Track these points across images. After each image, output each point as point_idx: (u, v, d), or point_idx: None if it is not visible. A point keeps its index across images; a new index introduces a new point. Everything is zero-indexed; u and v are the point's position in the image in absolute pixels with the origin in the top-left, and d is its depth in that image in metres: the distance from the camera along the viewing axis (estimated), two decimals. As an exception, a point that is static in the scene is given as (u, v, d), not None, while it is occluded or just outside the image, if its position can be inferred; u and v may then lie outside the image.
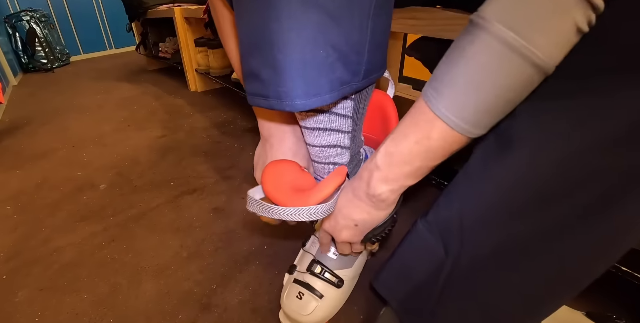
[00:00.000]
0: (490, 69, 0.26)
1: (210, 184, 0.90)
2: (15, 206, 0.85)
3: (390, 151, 0.33)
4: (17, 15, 2.39)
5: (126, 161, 1.04)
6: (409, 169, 0.33)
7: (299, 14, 0.29)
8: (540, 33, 0.24)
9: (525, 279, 0.32)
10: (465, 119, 0.28)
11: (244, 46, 0.34)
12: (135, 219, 0.77)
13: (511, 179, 0.31)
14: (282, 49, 0.30)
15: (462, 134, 0.29)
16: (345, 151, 0.44)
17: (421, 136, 0.31)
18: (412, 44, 0.70)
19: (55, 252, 0.69)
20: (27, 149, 1.18)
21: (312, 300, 0.48)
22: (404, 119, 0.33)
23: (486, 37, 0.25)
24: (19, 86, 2.13)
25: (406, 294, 0.42)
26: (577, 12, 0.23)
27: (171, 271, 0.63)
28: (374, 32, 0.35)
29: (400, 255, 0.43)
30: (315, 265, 0.50)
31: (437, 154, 0.31)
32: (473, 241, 0.34)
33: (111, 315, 0.55)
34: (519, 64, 0.25)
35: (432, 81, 0.30)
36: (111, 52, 3.16)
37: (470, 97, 0.27)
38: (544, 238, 0.30)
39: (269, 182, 0.41)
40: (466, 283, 0.36)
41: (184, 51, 1.62)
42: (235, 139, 1.15)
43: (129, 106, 1.57)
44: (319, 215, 0.37)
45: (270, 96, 0.33)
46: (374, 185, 0.35)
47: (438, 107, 0.28)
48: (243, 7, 0.32)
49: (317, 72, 0.32)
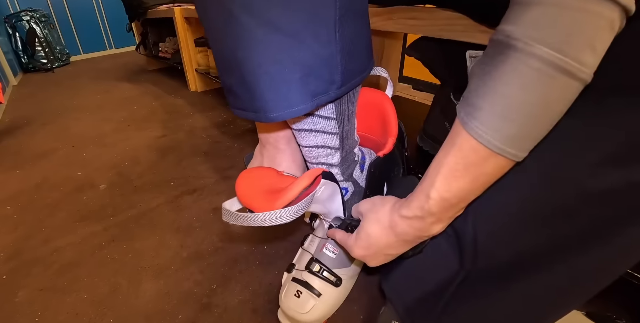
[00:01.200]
0: (545, 96, 0.25)
1: (210, 184, 0.90)
2: (15, 206, 0.85)
3: (445, 196, 0.31)
4: (17, 15, 2.39)
5: (126, 161, 1.04)
6: (463, 205, 0.32)
7: (260, 38, 0.31)
8: (581, 47, 0.24)
9: (535, 291, 0.33)
10: (522, 148, 0.27)
11: (219, 66, 0.38)
12: (135, 219, 0.77)
13: (525, 195, 0.31)
14: (250, 71, 0.33)
15: (515, 161, 0.28)
16: (335, 152, 0.45)
17: (477, 174, 0.29)
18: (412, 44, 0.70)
19: (55, 252, 0.69)
20: (27, 149, 1.18)
21: (310, 299, 0.48)
22: (450, 157, 0.30)
23: (531, 61, 0.24)
24: (19, 86, 2.13)
25: (414, 300, 0.42)
26: (612, 14, 0.23)
27: (171, 271, 0.63)
28: (344, 42, 0.35)
29: (414, 262, 0.42)
30: (314, 264, 0.50)
31: (489, 183, 0.30)
32: (486, 254, 0.35)
33: (111, 315, 0.55)
34: (569, 85, 0.25)
35: (474, 113, 0.27)
36: (111, 52, 3.15)
37: (527, 128, 0.26)
38: (557, 252, 0.31)
39: (241, 190, 0.42)
40: (475, 294, 0.36)
41: (184, 51, 1.62)
42: (235, 139, 1.15)
43: (129, 106, 1.57)
44: (285, 219, 0.37)
45: (247, 109, 0.36)
46: (429, 229, 0.34)
47: (492, 142, 0.27)
48: (212, 36, 0.35)
49: (286, 88, 0.34)
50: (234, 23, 0.31)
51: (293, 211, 0.38)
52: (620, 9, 0.23)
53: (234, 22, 0.31)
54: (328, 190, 0.43)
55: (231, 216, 0.40)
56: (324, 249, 0.51)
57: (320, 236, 0.52)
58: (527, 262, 0.32)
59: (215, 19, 0.32)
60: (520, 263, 0.33)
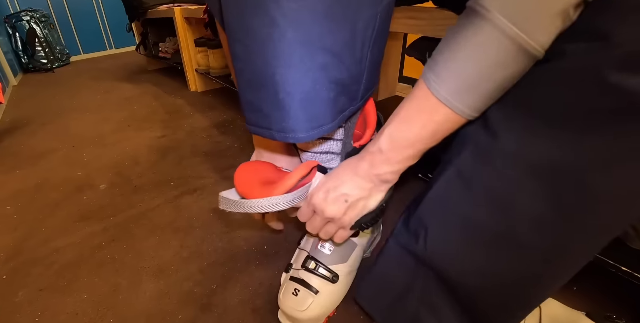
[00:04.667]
0: (493, 61, 0.27)
1: (210, 184, 0.90)
2: (15, 206, 0.85)
3: (394, 135, 0.34)
4: (17, 15, 2.39)
5: (126, 161, 1.04)
6: (411, 152, 0.34)
7: (303, 57, 0.30)
8: (537, 26, 0.26)
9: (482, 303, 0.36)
10: (468, 104, 0.30)
11: (243, 80, 0.34)
12: (135, 219, 0.77)
13: (469, 216, 0.34)
14: (287, 91, 0.31)
15: (464, 118, 0.31)
16: (337, 156, 0.46)
17: (426, 121, 0.32)
18: (412, 44, 0.70)
19: (55, 252, 0.69)
20: (27, 149, 1.18)
21: (308, 296, 0.48)
22: (406, 104, 0.33)
23: (490, 30, 0.26)
24: (19, 86, 2.13)
25: (388, 306, 0.44)
26: (571, 6, 0.25)
27: (171, 271, 0.63)
28: (372, 59, 0.36)
29: (377, 270, 0.45)
30: (309, 261, 0.50)
31: (438, 137, 0.33)
32: (437, 269, 0.38)
33: (111, 315, 0.55)
34: (520, 58, 0.27)
35: (434, 66, 0.30)
36: (111, 52, 3.15)
37: (475, 86, 0.29)
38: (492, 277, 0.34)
39: (240, 180, 0.42)
40: (438, 289, 0.38)
41: (184, 51, 1.62)
42: (235, 139, 1.15)
43: (129, 106, 1.57)
44: (282, 205, 0.38)
45: (273, 128, 0.34)
46: (377, 166, 0.36)
47: (441, 93, 0.29)
48: (245, 48, 0.32)
49: (320, 108, 0.33)
50: (279, 38, 0.29)
51: (289, 198, 0.38)
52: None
53: (278, 37, 0.29)
54: None
55: (228, 203, 0.40)
56: (319, 246, 0.51)
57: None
58: (471, 281, 0.35)
59: (255, 27, 0.30)
60: (464, 282, 0.36)
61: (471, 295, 0.36)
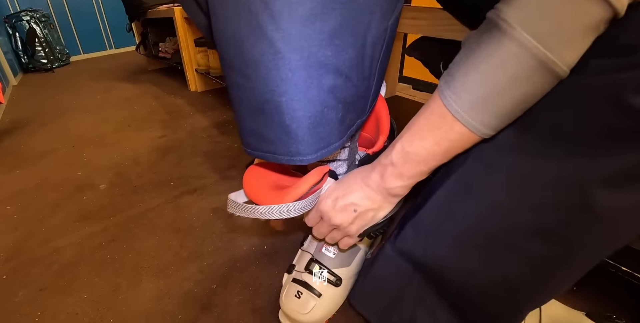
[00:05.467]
0: (516, 81, 0.26)
1: (210, 184, 0.90)
2: (15, 206, 0.85)
3: (407, 150, 0.33)
4: (17, 15, 2.39)
5: (126, 161, 1.04)
6: (423, 168, 0.33)
7: (309, 82, 0.28)
8: (563, 43, 0.24)
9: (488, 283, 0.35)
10: (485, 124, 0.28)
11: (242, 108, 0.32)
12: (135, 219, 0.77)
13: (471, 224, 0.33)
14: (292, 117, 0.30)
15: (479, 136, 0.30)
16: (343, 163, 0.46)
17: (440, 138, 0.31)
18: (412, 44, 0.70)
19: (55, 252, 0.69)
20: (27, 149, 1.18)
21: (311, 299, 0.48)
22: (421, 118, 0.32)
23: (514, 48, 0.25)
24: (19, 86, 2.13)
25: (384, 309, 0.43)
26: (599, 13, 0.23)
27: (171, 271, 0.63)
28: (380, 72, 0.35)
29: (373, 273, 0.45)
30: (314, 264, 0.50)
31: (452, 154, 0.32)
32: (435, 275, 0.37)
33: (111, 315, 0.55)
34: (545, 77, 0.26)
35: (450, 81, 0.29)
36: (111, 52, 3.15)
37: (493, 105, 0.27)
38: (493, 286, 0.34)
39: (249, 183, 0.42)
40: (435, 292, 0.38)
41: (184, 51, 1.62)
42: (235, 139, 1.15)
43: (129, 106, 1.57)
44: (293, 213, 0.37)
45: (279, 153, 0.32)
46: (387, 179, 0.36)
47: (458, 111, 0.28)
48: (240, 74, 0.30)
49: (328, 129, 0.32)
50: (280, 63, 0.27)
51: (301, 206, 0.38)
52: (611, 10, 0.23)
53: (281, 64, 0.27)
54: None
55: (237, 207, 0.39)
56: (323, 249, 0.51)
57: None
58: (468, 287, 0.35)
59: (256, 58, 0.28)
60: (462, 287, 0.36)
61: (468, 300, 0.36)
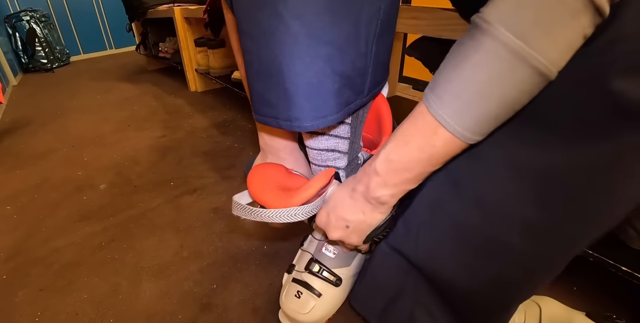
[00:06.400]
0: (496, 79, 0.25)
1: (210, 184, 0.90)
2: (15, 206, 0.85)
3: (390, 158, 0.33)
4: (17, 15, 2.39)
5: (126, 161, 1.04)
6: (408, 175, 0.33)
7: (308, 49, 0.31)
8: (547, 40, 0.23)
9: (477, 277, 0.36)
10: (469, 128, 0.27)
11: (252, 71, 0.35)
12: (135, 219, 0.77)
13: (460, 221, 0.34)
14: (292, 81, 0.32)
15: (464, 142, 0.29)
16: (343, 156, 0.45)
17: (423, 143, 0.30)
18: (412, 44, 0.70)
19: (55, 252, 0.69)
20: (27, 149, 1.18)
21: (311, 299, 0.48)
22: (405, 124, 0.32)
23: (492, 45, 0.24)
24: (19, 86, 2.13)
25: (383, 309, 0.44)
26: (585, 17, 0.22)
27: (171, 271, 0.63)
28: (377, 53, 0.36)
29: (371, 274, 0.45)
30: (314, 264, 0.50)
31: (438, 160, 0.31)
32: (427, 270, 0.38)
33: (111, 315, 0.55)
34: (526, 74, 0.24)
35: (434, 87, 0.28)
36: (111, 52, 3.15)
37: (475, 106, 0.26)
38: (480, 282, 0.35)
39: (254, 184, 0.42)
40: (430, 289, 0.39)
41: (184, 51, 1.62)
42: (235, 139, 1.15)
43: (129, 106, 1.57)
44: (300, 216, 0.37)
45: (280, 117, 0.35)
46: (373, 189, 0.35)
47: (441, 114, 0.28)
48: (253, 41, 0.33)
49: (324, 98, 0.33)
50: (284, 31, 0.30)
51: (308, 209, 0.38)
52: (594, 10, 0.22)
53: (283, 30, 0.30)
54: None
55: (243, 210, 0.39)
56: (323, 249, 0.51)
57: (319, 238, 0.52)
58: (460, 282, 0.36)
59: (262, 21, 0.31)
60: (454, 283, 0.36)
61: (460, 296, 0.36)
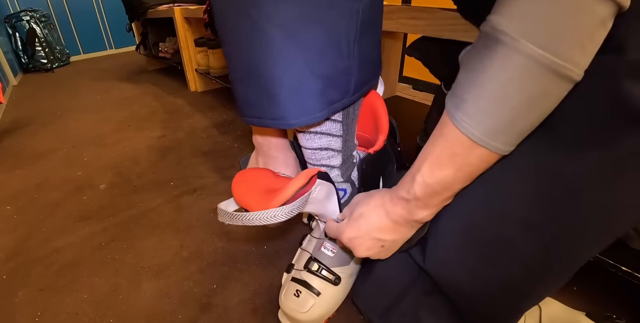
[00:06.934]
0: (532, 95, 0.25)
1: (210, 184, 0.90)
2: (15, 206, 0.85)
3: (428, 182, 0.32)
4: (17, 15, 2.39)
5: (126, 161, 1.04)
6: (448, 194, 0.33)
7: (286, 54, 0.32)
8: (577, 50, 0.23)
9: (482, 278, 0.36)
10: (506, 142, 0.27)
11: (235, 76, 0.37)
12: (135, 219, 0.77)
13: (469, 222, 0.34)
14: (273, 82, 0.33)
15: (500, 154, 0.29)
16: (337, 154, 0.45)
17: (461, 164, 0.30)
18: (412, 44, 0.70)
19: (55, 252, 0.69)
20: (27, 149, 1.18)
21: (310, 298, 0.48)
22: (437, 147, 0.31)
23: (521, 61, 0.24)
24: (19, 86, 2.13)
25: (386, 308, 0.44)
26: (603, 10, 0.22)
27: (171, 271, 0.63)
28: (361, 53, 0.36)
29: (376, 272, 0.45)
30: (312, 263, 0.50)
31: (475, 175, 0.31)
32: (434, 274, 0.38)
33: (111, 315, 0.55)
34: (560, 85, 0.24)
35: (461, 104, 0.28)
36: (111, 52, 3.15)
37: (512, 123, 0.26)
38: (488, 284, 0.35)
39: (237, 189, 0.42)
40: (437, 291, 0.39)
41: (184, 51, 1.62)
42: (235, 139, 1.15)
43: (129, 106, 1.57)
44: (280, 217, 0.38)
45: (265, 117, 0.36)
46: (414, 212, 0.35)
47: (476, 134, 0.27)
48: (233, 46, 0.35)
49: (307, 98, 0.34)
50: (261, 36, 0.31)
51: (287, 210, 0.38)
52: (613, 4, 0.22)
53: (261, 35, 0.31)
54: (324, 190, 0.43)
55: (226, 216, 0.40)
56: (322, 248, 0.51)
57: (317, 237, 0.52)
58: (466, 283, 0.36)
59: (240, 30, 0.33)
60: (460, 284, 0.36)
61: (466, 297, 0.36)
